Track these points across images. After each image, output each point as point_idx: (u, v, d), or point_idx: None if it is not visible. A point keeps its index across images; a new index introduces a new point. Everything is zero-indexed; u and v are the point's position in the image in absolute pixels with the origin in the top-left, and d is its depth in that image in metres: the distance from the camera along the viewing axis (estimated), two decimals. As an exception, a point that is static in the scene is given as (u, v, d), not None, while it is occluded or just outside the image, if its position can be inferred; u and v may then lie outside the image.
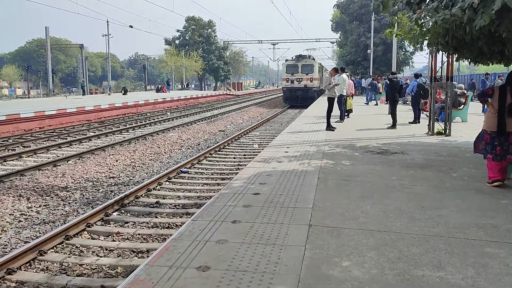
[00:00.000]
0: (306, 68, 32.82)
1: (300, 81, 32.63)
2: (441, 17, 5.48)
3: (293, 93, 32.76)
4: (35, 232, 6.48)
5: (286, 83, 33.59)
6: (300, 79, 32.67)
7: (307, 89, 32.51)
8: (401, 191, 5.85)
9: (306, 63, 33.07)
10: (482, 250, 3.78)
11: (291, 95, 33.08)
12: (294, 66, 33.27)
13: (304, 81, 32.58)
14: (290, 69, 33.39)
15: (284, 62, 35.90)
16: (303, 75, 32.74)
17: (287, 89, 33.52)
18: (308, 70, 32.84)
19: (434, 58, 12.05)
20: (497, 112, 5.98)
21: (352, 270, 3.39)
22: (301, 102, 31.71)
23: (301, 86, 32.56)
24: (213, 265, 3.50)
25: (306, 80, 32.56)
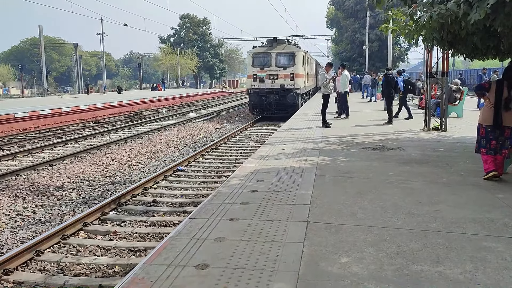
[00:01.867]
0: (284, 59, 21.34)
1: (274, 80, 21.01)
2: (436, 12, 5.48)
3: (264, 98, 21.03)
4: (31, 232, 6.44)
5: (252, 83, 21.41)
6: (274, 76, 21.01)
7: (285, 92, 20.75)
8: (398, 186, 5.86)
9: (283, 51, 21.44)
10: (479, 245, 3.79)
11: (260, 102, 21.25)
12: (265, 56, 21.47)
13: (281, 79, 20.96)
14: (258, 61, 21.51)
15: (250, 50, 22.71)
16: (279, 69, 21.10)
17: (254, 92, 21.31)
18: (286, 61, 21.26)
19: (430, 54, 12.06)
20: (493, 106, 6.00)
21: (351, 266, 3.39)
22: (276, 111, 21.20)
23: (276, 87, 20.87)
24: (212, 263, 3.48)
25: (284, 78, 20.96)
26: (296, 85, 20.98)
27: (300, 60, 21.46)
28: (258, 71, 21.20)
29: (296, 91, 20.89)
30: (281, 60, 21.19)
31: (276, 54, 21.20)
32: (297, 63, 21.20)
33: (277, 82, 20.93)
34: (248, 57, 22.36)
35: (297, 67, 21.20)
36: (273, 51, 21.39)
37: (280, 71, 21.01)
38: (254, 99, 21.37)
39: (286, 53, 21.31)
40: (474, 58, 9.38)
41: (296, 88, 20.94)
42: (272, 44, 21.94)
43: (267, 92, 20.95)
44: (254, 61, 21.58)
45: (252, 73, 21.46)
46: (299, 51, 21.77)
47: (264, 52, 21.57)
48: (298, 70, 21.29)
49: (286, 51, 21.42)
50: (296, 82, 21.06)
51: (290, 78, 20.89)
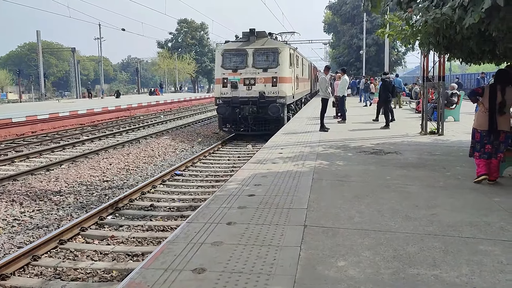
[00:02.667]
0: (265, 58, 16.29)
1: (251, 85, 16.03)
2: (431, 16, 5.51)
3: (237, 110, 15.93)
4: (28, 237, 6.43)
5: (222, 90, 16.28)
6: (251, 80, 16.04)
7: (266, 102, 15.74)
8: (395, 190, 5.87)
9: (264, 48, 16.29)
10: (476, 248, 3.80)
11: (232, 115, 16.05)
12: (238, 54, 16.41)
13: (260, 84, 15.98)
14: (230, 60, 16.44)
15: (219, 46, 18.99)
16: (258, 71, 16.04)
17: (224, 102, 16.19)
18: (268, 61, 16.23)
19: (426, 58, 12.12)
20: (488, 111, 6.03)
21: (348, 270, 3.39)
22: (253, 128, 16.16)
23: (253, 95, 15.90)
24: (209, 267, 3.49)
25: (264, 83, 15.96)
26: (280, 93, 15.77)
27: (286, 59, 16.20)
28: (230, 74, 15.99)
29: (281, 101, 15.76)
30: (261, 59, 16.07)
31: (254, 51, 15.96)
32: (282, 63, 15.97)
33: (255, 89, 15.80)
34: (216, 55, 16.68)
35: (282, 68, 15.94)
36: (250, 47, 16.07)
37: (259, 74, 15.85)
38: (224, 112, 15.89)
39: (267, 50, 16.04)
40: (470, 63, 9.41)
41: (280, 96, 15.77)
42: (249, 38, 16.39)
43: (242, 102, 15.68)
44: (225, 60, 16.25)
45: (221, 77, 16.09)
46: (285, 47, 16.41)
47: (237, 49, 16.19)
48: (284, 72, 16.02)
49: (268, 47, 16.12)
50: (281, 88, 15.83)
51: (273, 83, 15.71)
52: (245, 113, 15.72)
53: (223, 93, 16.14)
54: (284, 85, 16.10)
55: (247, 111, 15.68)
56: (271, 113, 15.53)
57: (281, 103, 15.81)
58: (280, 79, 15.92)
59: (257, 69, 15.96)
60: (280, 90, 15.85)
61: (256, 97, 15.72)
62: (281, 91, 15.88)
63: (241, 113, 15.79)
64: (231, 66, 16.22)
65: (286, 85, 16.29)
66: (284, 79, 16.15)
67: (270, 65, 15.99)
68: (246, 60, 16.09)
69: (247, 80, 15.92)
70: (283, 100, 15.92)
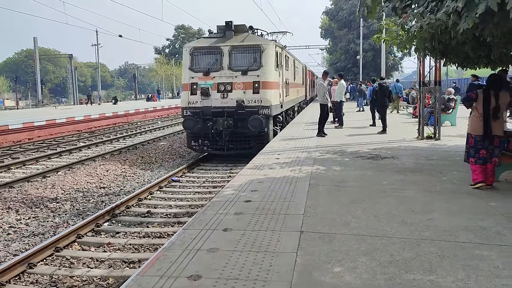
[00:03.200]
0: (244, 57, 13.26)
1: (226, 92, 12.93)
2: (426, 22, 5.54)
3: (209, 123, 12.76)
4: (24, 245, 6.40)
5: (190, 98, 13.13)
6: (227, 86, 12.97)
7: (245, 114, 12.68)
8: (392, 195, 5.87)
9: (243, 45, 13.26)
10: (472, 253, 3.80)
11: (204, 130, 12.86)
12: (211, 53, 13.39)
13: (238, 91, 12.90)
14: (201, 60, 13.41)
15: (187, 44, 14.25)
16: (235, 75, 13.01)
17: (193, 113, 13.00)
18: (248, 61, 13.17)
19: (422, 63, 12.17)
20: (482, 116, 6.04)
21: (344, 276, 3.39)
22: (231, 146, 13.02)
23: (230, 104, 12.85)
24: (205, 273, 3.47)
25: (244, 89, 12.89)
26: (264, 101, 12.60)
27: (272, 60, 13.07)
28: (201, 78, 12.83)
29: (264, 112, 12.55)
30: (240, 59, 12.97)
31: (231, 50, 12.86)
32: (267, 63, 12.83)
33: (231, 97, 12.62)
34: (184, 54, 13.43)
35: (267, 70, 12.81)
36: (226, 44, 12.97)
37: (238, 78, 12.71)
38: (192, 126, 12.59)
39: (247, 48, 12.96)
40: (466, 67, 9.46)
41: (263, 106, 12.59)
42: (224, 33, 13.26)
43: (215, 113, 12.46)
44: (194, 60, 13.13)
45: (189, 82, 12.92)
46: (269, 44, 13.21)
47: (210, 47, 13.13)
48: (268, 76, 12.87)
49: (248, 44, 13.01)
50: (265, 95, 12.66)
51: (254, 89, 12.58)
52: (219, 127, 12.29)
53: (192, 102, 12.83)
54: (269, 91, 12.82)
55: (221, 125, 12.29)
56: (252, 128, 12.21)
57: (264, 114, 12.54)
58: (264, 84, 12.69)
59: (235, 72, 12.76)
60: (264, 98, 12.61)
61: (233, 107, 12.48)
62: (265, 100, 12.61)
63: (213, 127, 12.41)
64: (202, 68, 12.98)
65: (272, 92, 13.00)
66: (269, 84, 12.89)
67: (251, 66, 12.79)
68: (220, 61, 12.92)
69: (222, 86, 12.70)
70: (268, 110, 12.63)
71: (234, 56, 12.98)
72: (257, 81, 12.67)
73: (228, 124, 12.40)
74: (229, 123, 12.41)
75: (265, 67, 12.82)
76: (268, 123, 12.81)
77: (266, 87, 12.78)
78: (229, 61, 12.88)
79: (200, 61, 13.24)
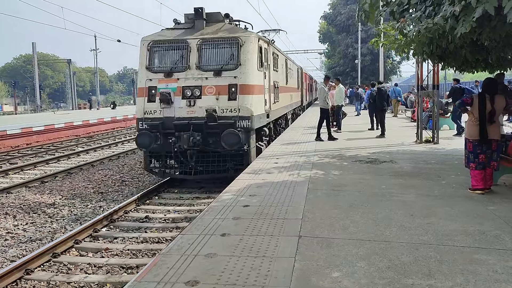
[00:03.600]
0: (217, 53, 10.31)
1: (194, 99, 9.93)
2: (423, 26, 5.55)
3: (171, 139, 9.57)
4: (21, 251, 6.37)
5: (147, 106, 10.12)
6: (195, 90, 9.97)
7: (217, 127, 9.56)
8: (390, 199, 5.86)
9: (215, 38, 10.26)
10: (471, 257, 3.78)
11: (165, 147, 9.86)
12: (175, 48, 10.41)
13: (209, 96, 9.88)
14: (161, 57, 10.60)
15: (145, 38, 10.65)
16: (205, 75, 10.03)
17: (151, 126, 9.89)
18: (222, 58, 10.24)
19: (420, 67, 12.20)
20: (478, 120, 6.03)
21: (342, 281, 3.37)
22: (200, 169, 9.99)
23: (197, 115, 9.83)
24: (202, 279, 3.45)
25: (217, 94, 9.86)
26: (243, 110, 9.80)
27: (254, 56, 10.23)
28: (161, 81, 10.11)
29: (243, 124, 9.80)
30: (211, 56, 10.23)
31: (201, 44, 10.12)
32: (247, 61, 10.01)
33: (200, 104, 9.83)
34: (140, 50, 10.52)
35: (246, 70, 9.98)
36: (195, 36, 10.25)
37: (209, 80, 9.92)
38: (148, 143, 9.67)
39: (221, 41, 10.17)
40: (464, 71, 9.49)
41: (243, 116, 9.81)
42: (193, 23, 10.60)
43: (179, 126, 9.59)
44: (153, 58, 10.44)
45: (146, 85, 10.17)
46: (250, 36, 10.30)
47: (174, 40, 10.33)
48: (249, 77, 10.02)
49: (222, 36, 10.21)
50: (244, 103, 9.82)
51: (230, 94, 9.86)
52: (183, 145, 9.39)
53: (149, 111, 9.99)
54: (250, 97, 9.91)
55: (186, 142, 9.37)
56: (226, 145, 9.37)
57: (244, 127, 9.74)
58: (243, 88, 9.84)
59: (205, 72, 9.94)
60: (243, 107, 9.75)
61: (202, 119, 9.61)
62: (244, 108, 9.76)
63: (176, 143, 9.44)
64: (163, 68, 10.26)
65: (253, 98, 10.06)
66: (250, 88, 9.98)
67: (226, 65, 10.01)
68: (187, 58, 10.06)
69: (188, 91, 9.84)
70: (248, 122, 9.78)
71: (205, 52, 10.13)
72: (234, 84, 9.80)
73: (195, 140, 9.38)
74: (196, 139, 9.39)
75: (245, 66, 9.91)
76: (248, 139, 9.89)
77: (245, 91, 9.84)
78: (198, 59, 10.01)
79: (160, 58, 10.48)
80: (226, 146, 9.39)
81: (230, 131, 9.37)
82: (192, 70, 9.99)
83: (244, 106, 9.78)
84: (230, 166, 9.87)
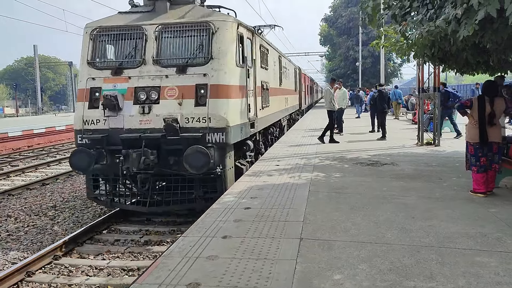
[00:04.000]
0: (180, 44, 7.70)
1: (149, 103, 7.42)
2: (426, 29, 5.55)
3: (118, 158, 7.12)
4: (22, 253, 6.37)
5: (87, 115, 7.59)
6: (151, 93, 7.45)
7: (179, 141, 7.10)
8: (392, 202, 5.85)
9: (178, 24, 7.71)
10: (472, 260, 3.78)
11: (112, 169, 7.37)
12: (127, 37, 7.81)
13: (169, 101, 7.36)
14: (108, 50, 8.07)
15: (89, 25, 8.13)
16: (165, 73, 7.52)
17: (90, 140, 7.43)
18: (188, 50, 7.65)
19: (421, 69, 12.19)
20: (478, 123, 6.03)
21: (344, 283, 3.36)
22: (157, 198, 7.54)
23: (153, 126, 7.31)
24: (204, 281, 3.45)
25: (178, 98, 7.34)
26: (215, 120, 7.39)
27: (231, 48, 7.87)
28: (107, 80, 7.80)
29: (216, 138, 7.40)
30: (174, 47, 7.89)
31: (160, 31, 7.86)
32: (221, 54, 7.65)
33: (158, 112, 7.45)
34: (83, 39, 8.17)
35: (221, 65, 7.62)
36: (153, 22, 8.00)
37: (170, 79, 7.60)
38: (87, 164, 7.27)
39: (187, 27, 7.80)
40: (465, 73, 9.49)
41: (215, 128, 7.40)
42: (154, 6, 8.30)
43: (127, 142, 7.26)
44: (97, 50, 8.10)
45: (87, 86, 7.87)
46: (226, 21, 7.94)
47: (125, 26, 8.02)
48: (224, 75, 7.65)
49: (188, 21, 7.88)
50: (217, 109, 7.43)
51: (198, 99, 7.47)
52: (132, 167, 7.07)
53: (90, 121, 7.64)
54: (225, 102, 7.52)
55: (136, 162, 7.02)
56: (191, 168, 6.96)
57: (216, 142, 7.34)
58: (216, 89, 7.45)
59: (165, 69, 7.58)
60: (215, 115, 7.35)
61: (159, 131, 7.27)
62: (217, 117, 7.36)
63: (124, 164, 7.11)
64: (110, 64, 7.95)
65: (231, 103, 7.68)
66: (225, 89, 7.58)
67: (193, 59, 7.65)
68: (142, 50, 7.72)
69: (143, 93, 7.51)
70: (222, 136, 7.37)
71: (166, 41, 7.72)
72: (203, 85, 7.35)
73: (149, 161, 6.97)
74: (150, 159, 6.97)
75: (218, 60, 7.47)
76: (223, 158, 7.43)
77: (219, 94, 7.40)
78: (157, 50, 7.63)
79: (107, 51, 8.09)
80: (191, 169, 6.85)
81: (195, 148, 6.84)
82: (149, 66, 7.56)
83: (217, 114, 7.26)
84: (199, 195, 7.29)
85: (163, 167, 7.23)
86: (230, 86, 7.67)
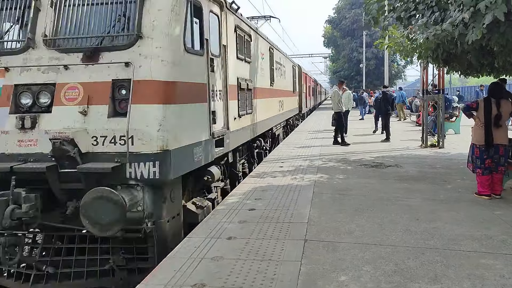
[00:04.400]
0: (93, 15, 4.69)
1: (33, 118, 4.47)
2: (432, 33, 5.54)
3: None
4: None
5: None
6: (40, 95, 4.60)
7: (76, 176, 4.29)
8: (396, 204, 5.85)
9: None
10: (477, 262, 3.78)
11: None
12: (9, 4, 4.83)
13: (69, 108, 4.47)
14: None
15: None
16: (65, 60, 4.57)
17: None
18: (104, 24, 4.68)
19: (425, 71, 12.17)
20: (484, 125, 6.02)
21: (349, 285, 3.37)
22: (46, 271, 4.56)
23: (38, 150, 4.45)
24: (209, 282, 3.47)
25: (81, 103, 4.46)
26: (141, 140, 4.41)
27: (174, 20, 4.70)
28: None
29: (143, 171, 4.41)
30: (79, 20, 4.76)
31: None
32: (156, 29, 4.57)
33: (48, 127, 4.49)
34: None
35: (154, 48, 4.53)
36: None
37: (71, 72, 4.61)
38: None
39: None
40: (469, 75, 9.46)
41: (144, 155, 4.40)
42: None
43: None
44: None
45: None
46: None
47: None
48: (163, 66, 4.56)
49: None
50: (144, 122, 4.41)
51: (116, 104, 4.55)
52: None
53: None
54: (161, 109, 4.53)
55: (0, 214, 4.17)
56: (90, 225, 4.18)
57: (143, 179, 4.46)
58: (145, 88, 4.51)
59: (65, 54, 4.72)
60: (142, 131, 4.45)
61: (48, 159, 4.44)
62: (146, 134, 4.45)
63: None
64: None
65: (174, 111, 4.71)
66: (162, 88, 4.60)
67: (109, 38, 4.74)
68: (29, 24, 4.81)
69: (28, 95, 4.70)
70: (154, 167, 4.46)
71: (68, 11, 4.84)
72: (125, 81, 4.55)
73: (21, 213, 4.22)
74: (23, 210, 4.22)
75: (152, 40, 4.62)
76: (157, 204, 4.70)
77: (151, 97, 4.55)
78: (53, 25, 4.81)
79: None
80: (92, 227, 4.19)
81: (98, 193, 4.17)
82: (39, 50, 4.76)
83: (146, 131, 4.47)
84: (118, 263, 4.66)
85: (52, 220, 4.57)
86: (172, 83, 4.70)
